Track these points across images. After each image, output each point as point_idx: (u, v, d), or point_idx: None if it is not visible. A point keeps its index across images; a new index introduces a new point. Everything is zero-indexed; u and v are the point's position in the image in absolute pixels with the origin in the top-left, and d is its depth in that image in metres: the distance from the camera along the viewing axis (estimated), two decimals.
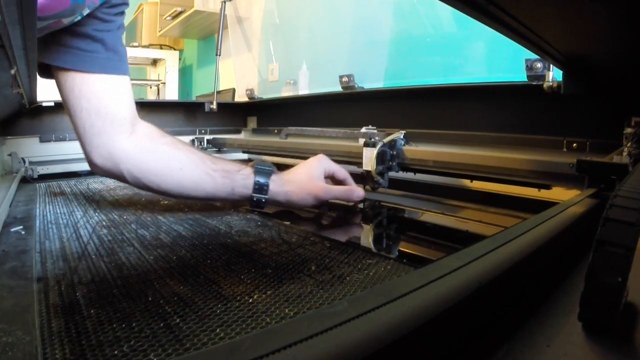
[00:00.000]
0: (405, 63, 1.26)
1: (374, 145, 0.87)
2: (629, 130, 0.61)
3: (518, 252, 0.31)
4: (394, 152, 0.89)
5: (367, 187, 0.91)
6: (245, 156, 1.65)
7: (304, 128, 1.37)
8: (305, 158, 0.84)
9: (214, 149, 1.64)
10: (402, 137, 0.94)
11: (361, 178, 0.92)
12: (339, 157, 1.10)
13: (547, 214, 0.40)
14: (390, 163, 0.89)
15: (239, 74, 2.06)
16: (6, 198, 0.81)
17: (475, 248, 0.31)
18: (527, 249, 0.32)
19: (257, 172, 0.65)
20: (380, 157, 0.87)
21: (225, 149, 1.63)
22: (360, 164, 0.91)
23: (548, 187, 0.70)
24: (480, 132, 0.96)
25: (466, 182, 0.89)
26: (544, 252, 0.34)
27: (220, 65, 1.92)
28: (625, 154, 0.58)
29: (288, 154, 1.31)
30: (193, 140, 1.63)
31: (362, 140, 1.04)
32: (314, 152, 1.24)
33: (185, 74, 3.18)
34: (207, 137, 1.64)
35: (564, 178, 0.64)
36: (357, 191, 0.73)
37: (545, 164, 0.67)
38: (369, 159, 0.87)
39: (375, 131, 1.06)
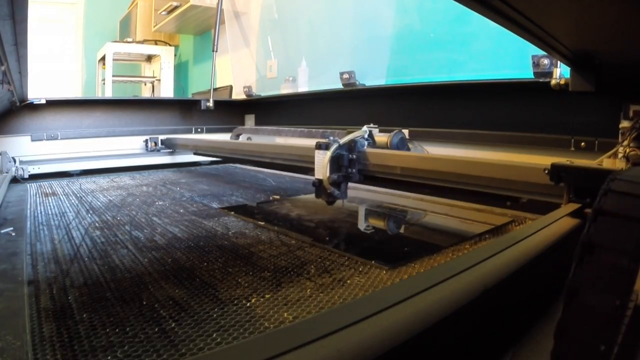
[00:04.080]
0: (408, 59, 1.24)
1: (327, 147, 0.64)
2: (625, 123, 0.50)
3: (525, 254, 0.30)
4: (354, 156, 0.68)
5: (322, 199, 0.71)
6: (196, 158, 1.56)
7: (258, 127, 1.32)
8: (256, 161, 0.71)
9: (168, 150, 1.53)
10: (366, 135, 0.72)
11: (315, 188, 0.70)
12: (291, 162, 0.91)
13: (557, 214, 0.39)
14: (349, 170, 0.67)
15: (237, 71, 2.04)
16: None
17: (479, 251, 0.31)
18: (534, 251, 0.31)
19: None
20: (336, 163, 0.65)
21: (178, 150, 1.52)
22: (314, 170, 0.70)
23: (516, 201, 0.58)
24: (485, 131, 0.94)
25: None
26: (551, 254, 0.33)
27: (217, 62, 1.90)
28: (620, 155, 0.48)
29: (239, 156, 1.19)
30: (146, 141, 1.48)
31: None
32: (267, 156, 1.07)
33: (180, 70, 3.15)
34: (161, 137, 1.52)
35: (540, 189, 0.51)
36: None
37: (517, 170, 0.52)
38: (320, 165, 0.65)
39: (377, 129, 1.03)
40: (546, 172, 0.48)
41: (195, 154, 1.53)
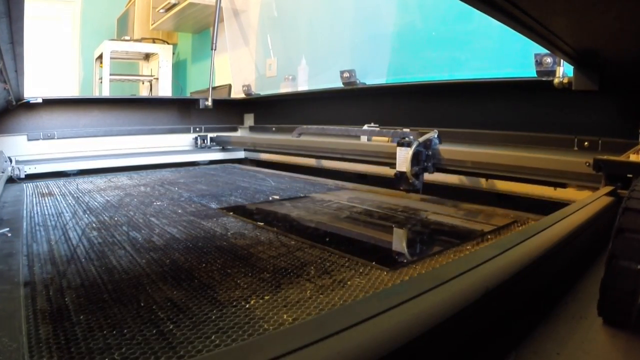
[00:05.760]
0: (410, 58, 1.23)
1: (409, 144, 0.83)
2: None
3: (527, 254, 0.30)
4: (429, 152, 0.86)
5: (402, 188, 0.86)
6: (243, 154, 1.63)
7: (324, 127, 1.30)
8: (323, 158, 0.83)
9: (218, 147, 1.63)
10: (436, 136, 0.87)
11: (395, 180, 0.86)
12: (368, 157, 1.07)
13: (561, 214, 0.39)
14: (426, 164, 0.85)
15: (235, 69, 2.03)
16: None
17: (482, 251, 0.30)
18: (536, 251, 0.31)
19: None
20: (416, 158, 0.83)
21: (229, 147, 1.62)
22: (392, 165, 0.87)
23: (563, 186, 0.71)
24: (487, 130, 0.94)
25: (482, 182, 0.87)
26: (555, 255, 0.33)
27: (215, 60, 1.89)
28: None
29: (306, 153, 1.27)
30: (196, 139, 1.62)
31: (363, 138, 1.00)
32: (338, 152, 1.16)
33: (179, 69, 3.13)
34: (210, 134, 1.63)
35: (579, 177, 0.65)
36: None
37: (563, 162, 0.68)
38: (403, 160, 0.84)
39: (378, 128, 1.04)
40: (587, 164, 0.62)
41: (246, 150, 1.60)
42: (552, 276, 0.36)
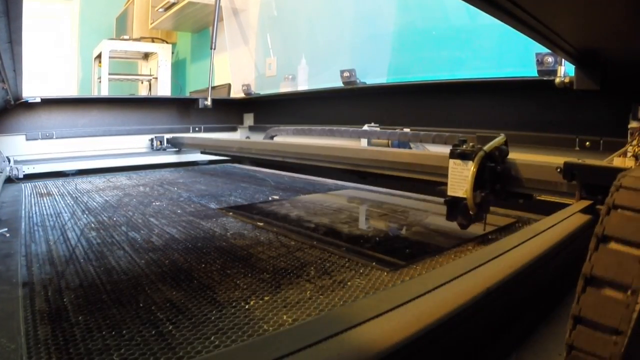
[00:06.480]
0: (410, 57, 1.22)
1: (469, 156, 0.49)
2: (634, 124, 0.53)
3: (529, 254, 0.30)
4: (499, 168, 0.51)
5: (457, 222, 0.53)
6: (200, 158, 1.52)
7: (312, 127, 1.07)
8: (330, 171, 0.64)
9: (174, 149, 1.52)
10: (504, 144, 0.54)
11: (448, 208, 0.53)
12: (396, 171, 0.70)
13: (563, 214, 0.38)
14: (496, 186, 0.51)
15: (235, 69, 2.03)
16: None
17: (483, 252, 0.30)
18: (538, 251, 0.31)
19: None
20: (481, 177, 0.49)
21: (185, 149, 1.50)
22: (441, 184, 0.55)
23: (530, 198, 0.53)
24: (487, 130, 0.94)
25: None
26: (556, 254, 0.33)
27: (215, 60, 1.89)
28: (630, 154, 0.49)
29: (275, 159, 1.00)
30: (152, 139, 1.47)
31: (364, 141, 0.85)
32: (353, 163, 0.78)
33: (178, 68, 3.12)
34: (166, 136, 1.50)
35: (553, 185, 0.49)
36: None
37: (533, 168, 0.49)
38: (462, 179, 0.49)
39: (378, 128, 0.99)
40: (558, 170, 0.46)
41: (202, 152, 1.52)
42: (555, 275, 0.36)
